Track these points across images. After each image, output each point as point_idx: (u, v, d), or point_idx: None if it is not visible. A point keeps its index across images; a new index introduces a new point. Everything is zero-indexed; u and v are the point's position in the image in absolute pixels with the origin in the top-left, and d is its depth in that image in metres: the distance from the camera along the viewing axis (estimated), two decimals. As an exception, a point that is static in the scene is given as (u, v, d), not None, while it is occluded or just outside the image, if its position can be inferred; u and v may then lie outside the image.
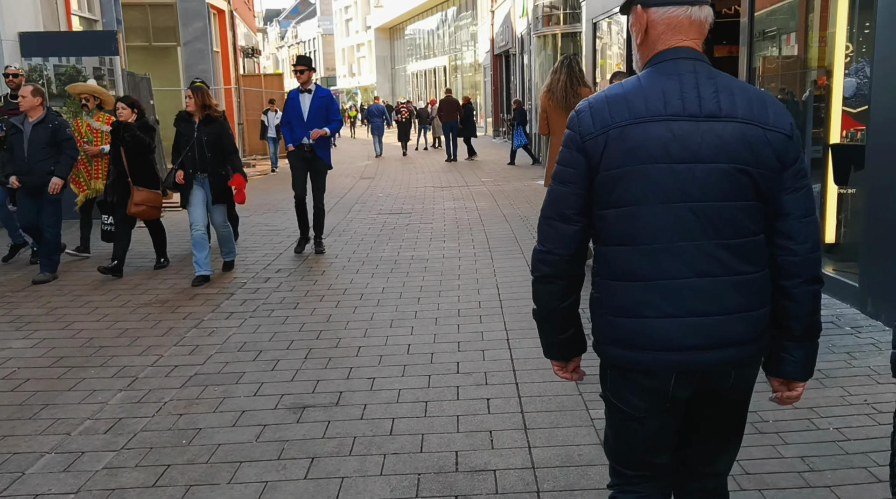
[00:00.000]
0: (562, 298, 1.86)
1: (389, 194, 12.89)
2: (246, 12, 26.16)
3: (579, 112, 1.80)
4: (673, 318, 1.72)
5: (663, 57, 1.78)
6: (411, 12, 48.88)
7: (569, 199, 1.79)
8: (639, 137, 1.70)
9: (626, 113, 1.72)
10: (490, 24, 29.18)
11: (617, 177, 1.72)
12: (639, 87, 1.75)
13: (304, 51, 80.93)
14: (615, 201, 1.74)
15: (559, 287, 1.85)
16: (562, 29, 18.74)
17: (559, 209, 1.80)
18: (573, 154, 1.78)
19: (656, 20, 1.78)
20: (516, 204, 10.97)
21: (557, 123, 6.30)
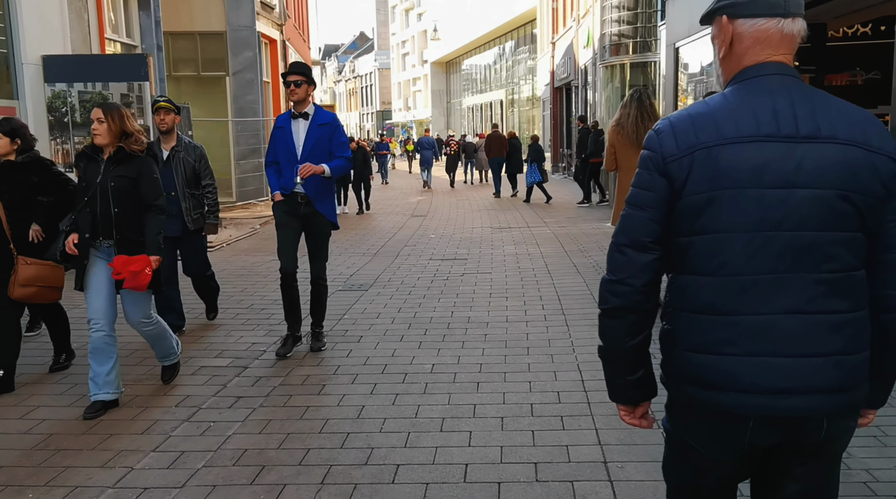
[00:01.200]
0: (632, 334, 1.69)
1: (443, 236, 11.65)
2: (300, 44, 25.63)
3: (660, 132, 1.64)
4: (757, 357, 1.56)
5: (752, 73, 1.63)
6: (468, 46, 48.39)
7: (645, 225, 1.64)
8: (729, 160, 1.55)
9: (713, 133, 1.58)
10: (550, 57, 28.07)
11: (702, 202, 1.57)
12: (727, 105, 1.60)
13: (362, 85, 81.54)
14: (699, 228, 1.59)
15: (630, 322, 1.68)
16: (631, 58, 17.44)
17: (634, 236, 1.65)
18: (653, 176, 1.63)
19: (743, 33, 1.64)
20: (587, 250, 9.59)
21: (626, 159, 5.99)
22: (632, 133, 6.01)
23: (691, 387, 1.64)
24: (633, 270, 1.66)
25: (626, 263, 1.67)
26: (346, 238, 11.54)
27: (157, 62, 12.04)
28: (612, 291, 1.69)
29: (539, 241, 10.66)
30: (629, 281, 1.66)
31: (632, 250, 1.66)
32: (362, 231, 12.47)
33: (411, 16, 63.46)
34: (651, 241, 1.65)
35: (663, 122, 1.66)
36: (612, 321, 1.71)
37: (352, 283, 7.93)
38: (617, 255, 1.69)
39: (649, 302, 1.69)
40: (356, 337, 5.73)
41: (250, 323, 6.23)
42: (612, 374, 1.78)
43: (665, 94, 11.32)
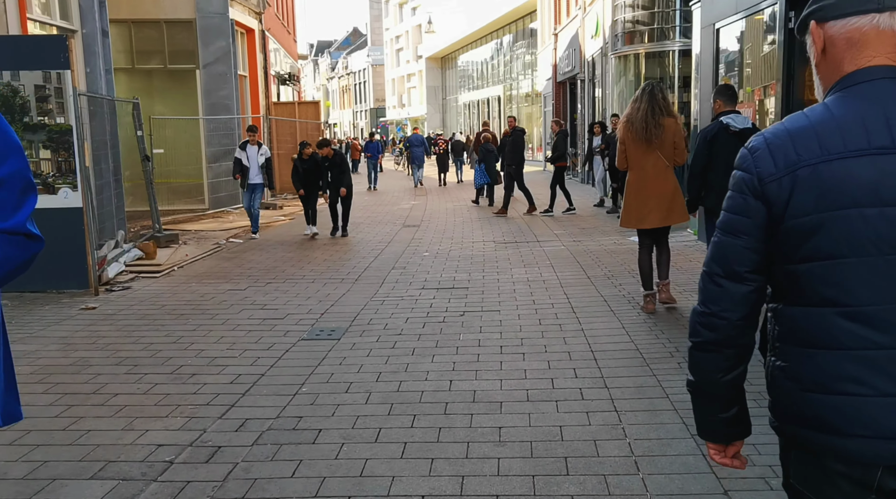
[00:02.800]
0: (727, 369, 1.56)
1: (438, 253, 9.89)
2: (284, 36, 23.82)
3: (754, 150, 1.49)
4: (887, 397, 1.39)
5: (854, 79, 1.45)
6: (464, 40, 46.65)
7: (741, 253, 1.51)
8: (838, 177, 1.40)
9: (816, 148, 1.42)
10: (552, 49, 26.29)
11: (810, 225, 1.42)
12: (830, 117, 1.44)
13: (355, 82, 79.62)
14: (809, 254, 1.44)
15: (725, 357, 1.55)
16: (647, 47, 15.65)
17: (729, 266, 1.52)
18: (748, 200, 1.49)
19: (835, 36, 1.49)
20: (614, 275, 7.83)
21: (637, 157, 5.82)
22: (641, 129, 5.67)
23: (808, 430, 1.47)
24: (729, 302, 1.52)
25: (721, 295, 1.53)
26: (323, 257, 9.76)
27: (103, 51, 10.26)
28: (705, 325, 1.55)
29: (553, 261, 8.89)
30: (724, 314, 1.53)
31: (727, 281, 1.52)
32: (344, 247, 10.69)
33: (405, 10, 61.58)
34: (748, 270, 1.51)
35: (756, 138, 1.51)
36: (705, 355, 1.57)
37: (321, 326, 6.16)
38: (710, 285, 1.54)
39: (747, 336, 1.54)
40: (312, 432, 3.95)
41: (164, 406, 4.44)
42: (703, 410, 1.62)
43: (700, 82, 9.57)
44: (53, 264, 7.47)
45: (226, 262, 9.56)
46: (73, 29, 9.82)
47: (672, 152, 5.90)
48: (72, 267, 7.41)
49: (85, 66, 10.02)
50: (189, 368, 5.05)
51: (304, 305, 6.94)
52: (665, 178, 5.94)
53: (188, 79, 15.81)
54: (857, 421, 1.41)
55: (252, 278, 8.34)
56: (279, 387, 4.63)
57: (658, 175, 5.91)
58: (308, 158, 11.61)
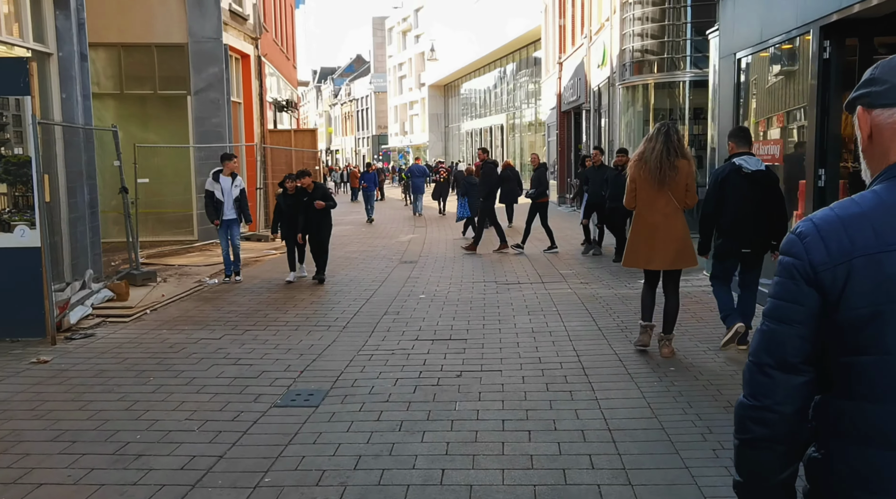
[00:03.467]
0: (780, 468, 1.46)
1: (435, 295, 9.15)
2: (283, 62, 23.33)
3: (803, 236, 1.44)
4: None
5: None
6: (467, 68, 46.42)
7: (793, 342, 1.43)
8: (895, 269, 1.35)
9: (871, 238, 1.37)
10: (557, 78, 25.81)
11: (867, 317, 1.36)
12: (881, 204, 1.40)
13: (357, 109, 79.56)
14: (861, 347, 1.37)
15: (777, 454, 1.45)
16: (656, 77, 15.06)
17: (780, 355, 1.44)
18: (801, 287, 1.43)
19: (882, 124, 1.45)
20: (629, 327, 7.07)
21: (647, 197, 5.72)
22: (655, 169, 5.55)
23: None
24: (782, 395, 1.43)
25: (772, 387, 1.43)
26: (311, 299, 9.03)
27: (81, 75, 9.63)
28: (756, 420, 1.45)
29: (560, 308, 8.15)
30: (777, 408, 1.43)
31: (778, 372, 1.44)
32: (334, 287, 9.97)
33: (409, 38, 61.54)
34: (800, 360, 1.43)
35: (804, 223, 1.46)
36: (755, 453, 1.46)
37: (299, 389, 5.41)
38: (760, 377, 1.46)
39: (802, 430, 1.45)
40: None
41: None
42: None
43: (719, 114, 8.91)
44: (8, 310, 6.78)
45: (205, 304, 8.82)
46: (48, 52, 9.20)
47: (684, 194, 5.74)
48: (29, 313, 6.70)
49: (61, 92, 9.38)
50: (136, 447, 4.30)
51: (283, 360, 6.19)
52: (675, 219, 5.77)
53: (179, 105, 15.20)
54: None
55: (230, 325, 7.60)
56: (237, 476, 3.88)
57: (668, 217, 5.75)
58: (294, 193, 10.26)
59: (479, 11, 39.97)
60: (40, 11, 9.17)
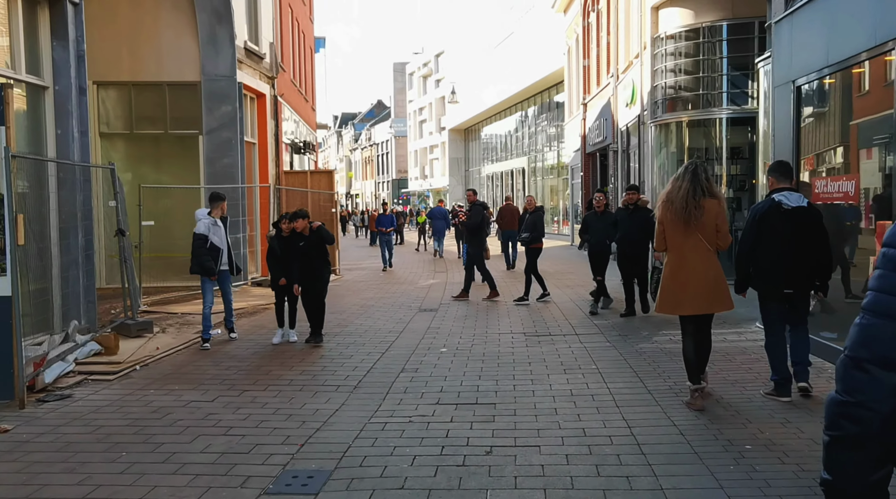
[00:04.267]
0: (872, 469, 1.37)
1: (458, 348, 8.23)
2: (301, 104, 22.88)
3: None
4: None
5: None
6: (488, 112, 46.11)
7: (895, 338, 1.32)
8: None
9: None
10: (581, 119, 25.15)
11: None
12: None
13: (378, 153, 79.66)
14: None
15: (872, 454, 1.37)
16: (690, 114, 14.24)
17: (881, 352, 1.36)
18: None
19: None
20: (684, 390, 6.10)
21: (676, 238, 5.46)
22: (681, 210, 5.40)
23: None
24: (880, 392, 1.36)
25: (869, 384, 1.37)
26: (321, 352, 8.14)
27: (79, 110, 8.99)
28: (848, 417, 1.38)
29: (601, 366, 7.18)
30: (872, 405, 1.36)
31: (877, 368, 1.37)
32: (347, 339, 9.07)
33: (429, 82, 61.64)
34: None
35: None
36: (847, 453, 1.38)
37: (296, 470, 4.49)
38: (857, 372, 1.39)
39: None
40: None
41: None
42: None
43: (775, 148, 8.01)
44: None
45: (202, 358, 7.97)
46: (44, 85, 8.58)
47: (714, 235, 5.50)
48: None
49: (56, 127, 8.74)
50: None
51: (282, 429, 5.29)
52: (706, 261, 5.50)
53: (191, 145, 14.60)
54: None
55: (226, 384, 6.72)
56: None
57: (699, 259, 5.50)
58: (290, 236, 8.71)
59: (499, 55, 39.73)
60: (36, 42, 8.58)
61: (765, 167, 8.04)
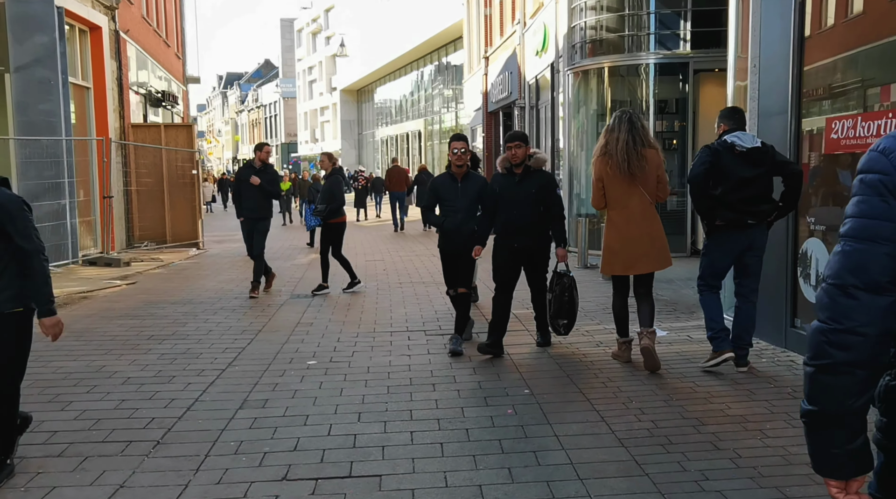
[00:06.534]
0: (860, 393, 1.41)
1: (331, 360, 5.84)
2: (162, 49, 19.46)
3: (888, 151, 1.41)
4: None
5: None
6: (381, 71, 43.30)
7: (882, 261, 1.38)
8: None
9: None
10: (482, 75, 22.94)
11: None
12: None
13: (265, 115, 74.97)
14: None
15: (857, 379, 1.40)
16: (613, 60, 12.23)
17: (869, 276, 1.38)
18: (890, 202, 1.38)
19: None
20: (671, 438, 4.00)
21: (619, 194, 5.24)
22: (622, 162, 5.15)
23: None
24: (869, 316, 1.38)
25: (859, 309, 1.38)
26: (131, 366, 5.54)
27: None
28: (836, 344, 1.40)
29: (541, 394, 4.98)
30: (862, 330, 1.38)
31: (865, 293, 1.38)
32: (184, 339, 6.50)
33: (319, 39, 57.83)
34: (889, 280, 1.38)
35: (886, 140, 1.43)
36: (833, 379, 1.40)
37: None
38: (844, 299, 1.40)
39: (885, 353, 1.42)
40: None
41: None
42: (825, 443, 1.47)
43: (762, 88, 5.96)
44: None
45: None
46: None
47: (655, 188, 5.29)
48: None
49: None
50: None
51: None
52: (652, 216, 5.32)
53: (-7, 86, 11.35)
54: None
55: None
56: None
57: (644, 214, 5.28)
58: None
59: (393, 10, 36.90)
60: None
61: (755, 111, 6.02)
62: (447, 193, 6.17)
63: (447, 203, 6.17)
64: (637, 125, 5.23)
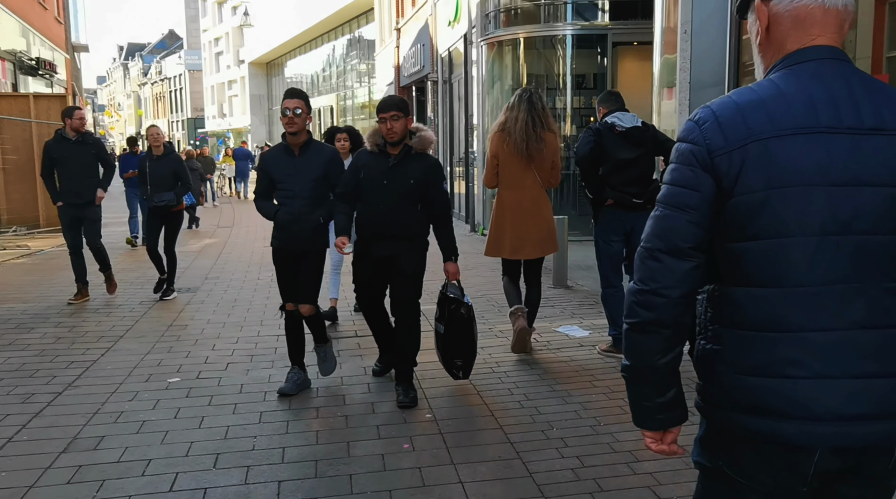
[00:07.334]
0: (665, 350, 1.47)
1: (199, 374, 4.88)
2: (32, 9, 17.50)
3: (702, 122, 1.44)
4: (826, 379, 1.38)
5: (800, 57, 1.45)
6: (291, 44, 41.45)
7: (686, 228, 1.43)
8: (788, 154, 1.37)
9: (767, 123, 1.39)
10: (394, 47, 21.86)
11: (758, 202, 1.39)
12: (779, 93, 1.41)
13: (170, 89, 71.22)
14: (754, 233, 1.40)
15: (663, 337, 1.47)
16: (529, 31, 11.48)
17: (672, 241, 1.44)
18: (697, 173, 1.43)
19: (780, 13, 1.47)
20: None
21: (513, 175, 5.10)
22: (521, 141, 4.97)
23: (745, 415, 1.43)
24: (671, 279, 1.44)
25: (662, 271, 1.44)
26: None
27: None
28: (643, 304, 1.46)
29: (437, 407, 4.18)
30: (665, 291, 1.44)
31: (669, 257, 1.44)
32: (31, 348, 5.37)
33: (225, 9, 54.98)
34: (691, 246, 1.44)
35: (703, 110, 1.45)
36: (643, 337, 1.48)
37: None
38: (651, 262, 1.46)
39: (687, 315, 1.48)
40: None
41: None
42: (639, 396, 1.54)
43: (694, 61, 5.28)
44: None
45: None
46: None
47: (549, 172, 5.12)
48: None
49: None
50: None
51: None
52: (544, 200, 5.17)
53: None
54: (797, 404, 1.39)
55: None
56: None
57: (536, 197, 5.13)
58: None
59: (302, -23, 35.17)
60: None
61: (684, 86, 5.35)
62: (280, 172, 4.44)
63: (281, 185, 4.46)
64: (537, 106, 5.04)
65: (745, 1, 1.53)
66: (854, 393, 1.38)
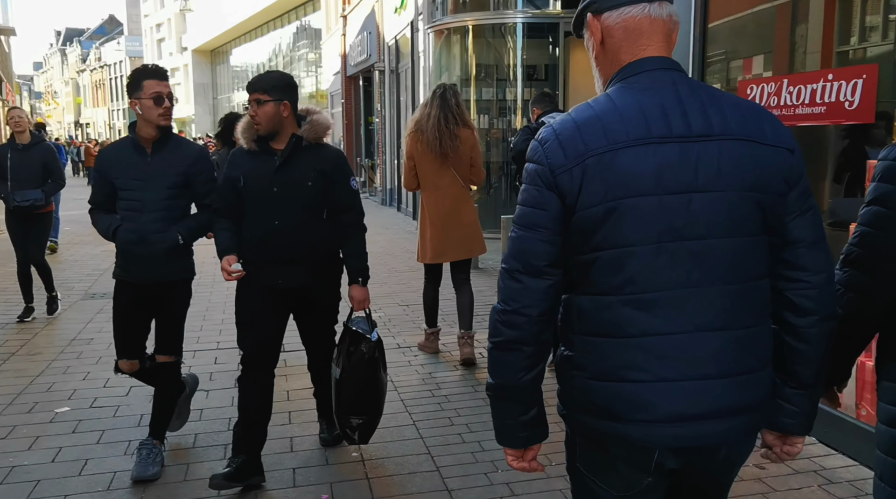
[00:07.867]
0: (528, 368, 1.50)
1: (94, 402, 4.22)
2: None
3: (544, 141, 1.46)
4: (667, 382, 1.41)
5: (632, 70, 1.48)
6: (236, 30, 40.17)
7: (539, 247, 1.45)
8: (623, 167, 1.39)
9: (602, 138, 1.41)
10: (341, 35, 21.10)
11: (599, 215, 1.41)
12: (613, 108, 1.44)
13: (110, 76, 68.68)
14: (599, 244, 1.42)
15: (525, 355, 1.49)
16: (477, 18, 10.94)
17: (527, 260, 1.46)
18: (542, 192, 1.45)
19: (612, 26, 1.50)
20: None
21: (430, 175, 4.93)
22: (433, 140, 4.80)
23: (593, 418, 1.47)
24: (529, 298, 1.46)
25: (521, 292, 1.46)
26: None
27: None
28: (505, 323, 1.48)
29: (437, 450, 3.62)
30: (525, 311, 1.46)
31: (527, 277, 1.46)
32: None
33: (167, -6, 53.16)
34: (546, 264, 1.46)
35: (546, 130, 1.48)
36: (505, 355, 1.50)
37: None
38: (510, 282, 1.48)
39: (547, 332, 1.50)
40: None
41: None
42: (502, 414, 1.55)
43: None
44: None
45: None
46: None
47: (468, 170, 4.97)
48: None
49: None
50: None
51: None
52: (465, 201, 5.00)
53: None
54: (637, 407, 1.40)
55: None
56: None
57: (457, 198, 4.96)
58: None
59: (246, -38, 33.99)
60: None
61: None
62: (124, 175, 3.34)
63: (125, 193, 3.35)
64: (450, 102, 4.87)
65: (579, 18, 1.55)
66: (693, 395, 1.40)
